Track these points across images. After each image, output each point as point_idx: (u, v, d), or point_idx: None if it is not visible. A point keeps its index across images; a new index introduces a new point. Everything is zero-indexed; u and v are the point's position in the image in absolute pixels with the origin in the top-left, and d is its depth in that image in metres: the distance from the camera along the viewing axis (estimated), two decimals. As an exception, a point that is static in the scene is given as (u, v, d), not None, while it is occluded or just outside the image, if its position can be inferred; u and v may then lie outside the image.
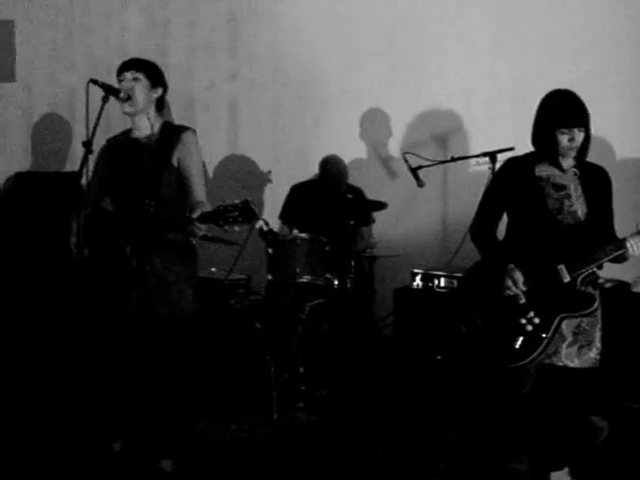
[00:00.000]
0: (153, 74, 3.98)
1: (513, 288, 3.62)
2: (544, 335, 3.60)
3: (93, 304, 3.97)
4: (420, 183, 5.39)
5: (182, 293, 3.94)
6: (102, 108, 3.74)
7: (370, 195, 5.70)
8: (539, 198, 3.68)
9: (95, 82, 3.79)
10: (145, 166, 3.90)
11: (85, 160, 3.69)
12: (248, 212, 3.49)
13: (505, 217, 3.85)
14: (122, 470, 4.02)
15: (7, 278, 5.90)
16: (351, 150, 6.06)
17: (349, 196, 5.42)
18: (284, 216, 5.78)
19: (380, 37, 6.03)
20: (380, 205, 5.42)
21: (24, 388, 5.10)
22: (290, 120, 6.21)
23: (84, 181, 3.80)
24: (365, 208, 5.57)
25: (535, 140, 3.76)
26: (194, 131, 3.98)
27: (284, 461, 4.27)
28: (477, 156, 5.19)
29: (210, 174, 6.16)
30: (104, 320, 3.96)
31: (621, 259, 3.63)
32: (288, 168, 6.11)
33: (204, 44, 6.29)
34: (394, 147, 6.08)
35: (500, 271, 3.65)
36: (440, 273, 5.26)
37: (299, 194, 5.79)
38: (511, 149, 4.71)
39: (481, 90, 5.81)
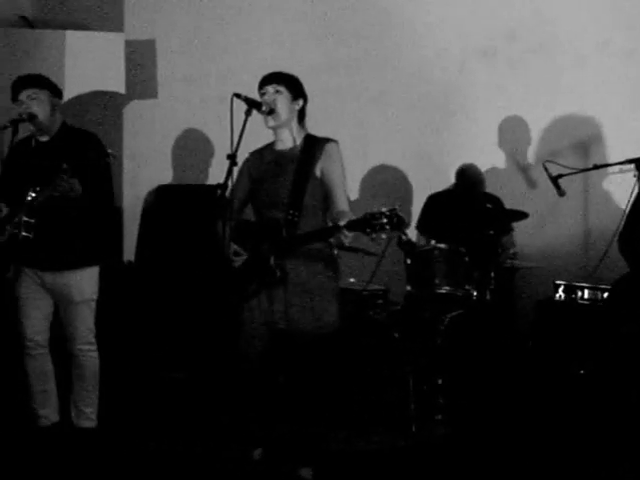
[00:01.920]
0: (294, 86, 4.04)
1: None
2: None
3: (238, 314, 4.04)
4: (561, 192, 5.27)
5: (326, 304, 3.95)
6: (245, 121, 3.80)
7: (508, 204, 5.60)
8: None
9: (238, 96, 3.87)
10: (289, 177, 3.96)
11: (230, 172, 3.77)
12: (396, 219, 3.46)
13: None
14: (262, 477, 4.07)
15: (153, 289, 6.07)
16: (489, 159, 5.98)
17: (488, 205, 5.35)
18: (421, 226, 5.75)
19: (518, 44, 5.94)
20: (521, 215, 5.32)
21: (170, 397, 5.25)
22: (428, 129, 6.17)
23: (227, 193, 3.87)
24: (505, 218, 5.48)
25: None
26: (337, 142, 4.01)
27: (422, 474, 4.24)
28: (621, 163, 5.03)
29: (357, 184, 6.19)
30: (248, 330, 4.02)
31: None
32: (425, 178, 6.08)
33: (347, 59, 6.33)
34: (533, 155, 5.97)
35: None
36: (584, 285, 5.12)
37: (436, 204, 5.75)
38: (658, 155, 4.56)
39: (623, 95, 5.66)
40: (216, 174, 6.17)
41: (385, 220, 3.46)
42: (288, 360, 4.00)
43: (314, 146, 3.98)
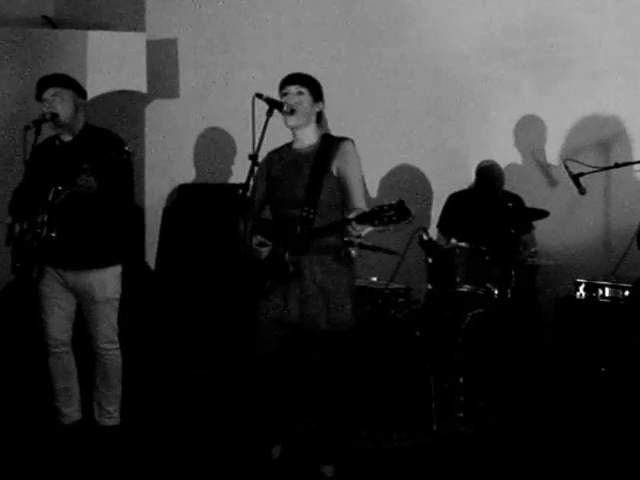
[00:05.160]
0: (316, 89, 4.04)
1: None
2: None
3: (254, 312, 4.05)
4: (582, 190, 5.25)
5: (341, 302, 3.95)
6: (267, 122, 3.81)
7: (529, 203, 5.60)
8: None
9: (260, 96, 3.88)
10: (305, 175, 3.97)
11: (251, 172, 3.78)
12: (403, 211, 3.47)
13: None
14: (281, 476, 4.08)
15: (174, 287, 6.11)
16: (509, 157, 5.99)
17: (509, 204, 5.34)
18: (442, 225, 5.76)
19: (538, 42, 5.94)
20: (541, 213, 5.32)
21: (192, 394, 5.28)
22: (448, 128, 6.17)
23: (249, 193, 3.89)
24: (526, 216, 5.48)
25: None
26: (352, 141, 4.01)
27: (443, 472, 4.25)
28: (642, 162, 5.04)
29: (377, 184, 6.20)
30: (262, 326, 4.03)
31: None
32: (446, 177, 6.08)
33: (366, 59, 6.34)
34: (554, 154, 5.95)
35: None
36: (604, 283, 5.10)
37: (457, 203, 5.75)
38: (680, 154, 4.54)
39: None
40: (238, 173, 6.20)
41: (392, 212, 3.48)
42: (304, 357, 4.02)
43: (330, 145, 3.98)
